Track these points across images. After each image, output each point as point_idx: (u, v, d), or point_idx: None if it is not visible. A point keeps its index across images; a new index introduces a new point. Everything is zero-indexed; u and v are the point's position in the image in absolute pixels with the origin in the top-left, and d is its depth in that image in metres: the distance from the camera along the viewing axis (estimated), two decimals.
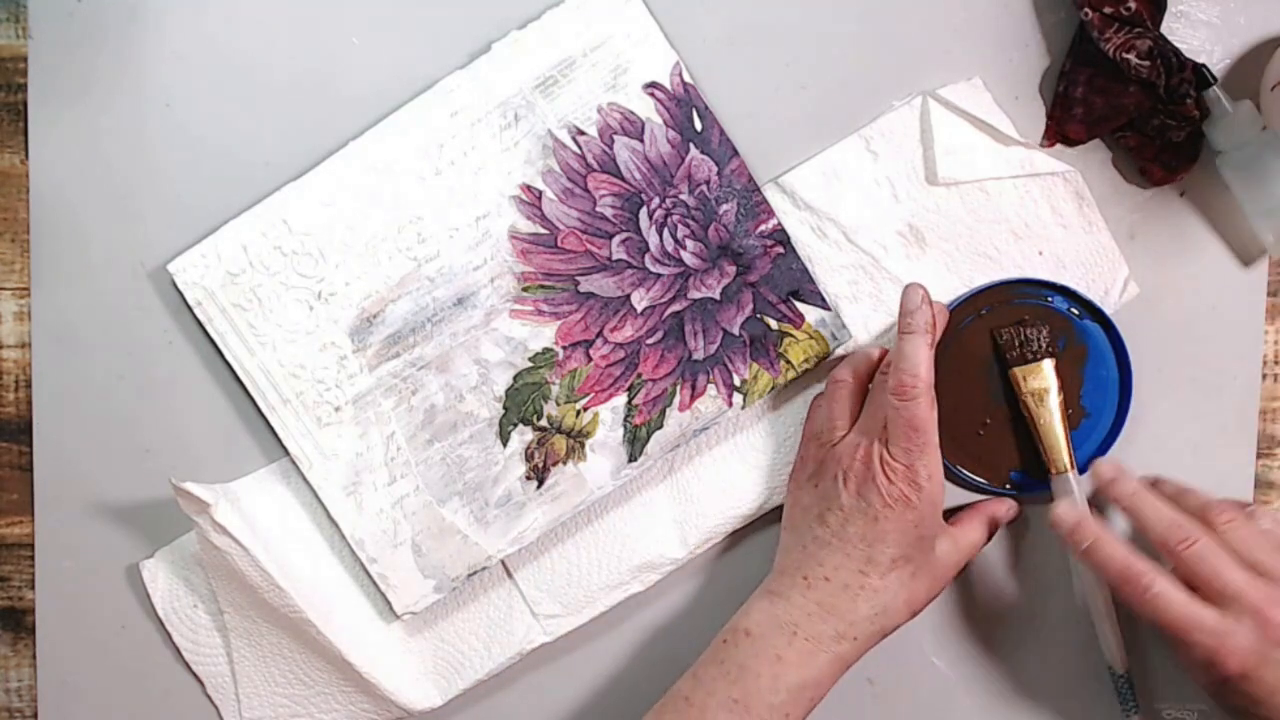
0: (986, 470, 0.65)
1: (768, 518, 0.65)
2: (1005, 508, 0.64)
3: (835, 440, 0.61)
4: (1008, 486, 0.65)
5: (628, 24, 0.62)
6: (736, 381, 0.63)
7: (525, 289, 0.63)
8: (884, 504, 0.57)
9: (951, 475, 0.65)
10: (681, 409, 0.63)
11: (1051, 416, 0.62)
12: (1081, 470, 0.64)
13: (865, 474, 0.58)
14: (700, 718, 0.57)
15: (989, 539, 0.63)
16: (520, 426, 0.63)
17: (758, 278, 0.63)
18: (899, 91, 0.64)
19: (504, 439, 0.63)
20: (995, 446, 0.64)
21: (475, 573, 0.63)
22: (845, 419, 0.61)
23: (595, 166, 0.62)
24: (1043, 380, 0.62)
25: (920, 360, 0.57)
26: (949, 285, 0.64)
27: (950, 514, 0.63)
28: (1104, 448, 0.64)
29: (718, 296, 0.63)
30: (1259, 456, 0.66)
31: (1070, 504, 0.61)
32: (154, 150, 0.63)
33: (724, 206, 0.63)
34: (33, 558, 0.65)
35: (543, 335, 0.63)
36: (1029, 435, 0.64)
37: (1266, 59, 0.63)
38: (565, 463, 0.63)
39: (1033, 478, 0.65)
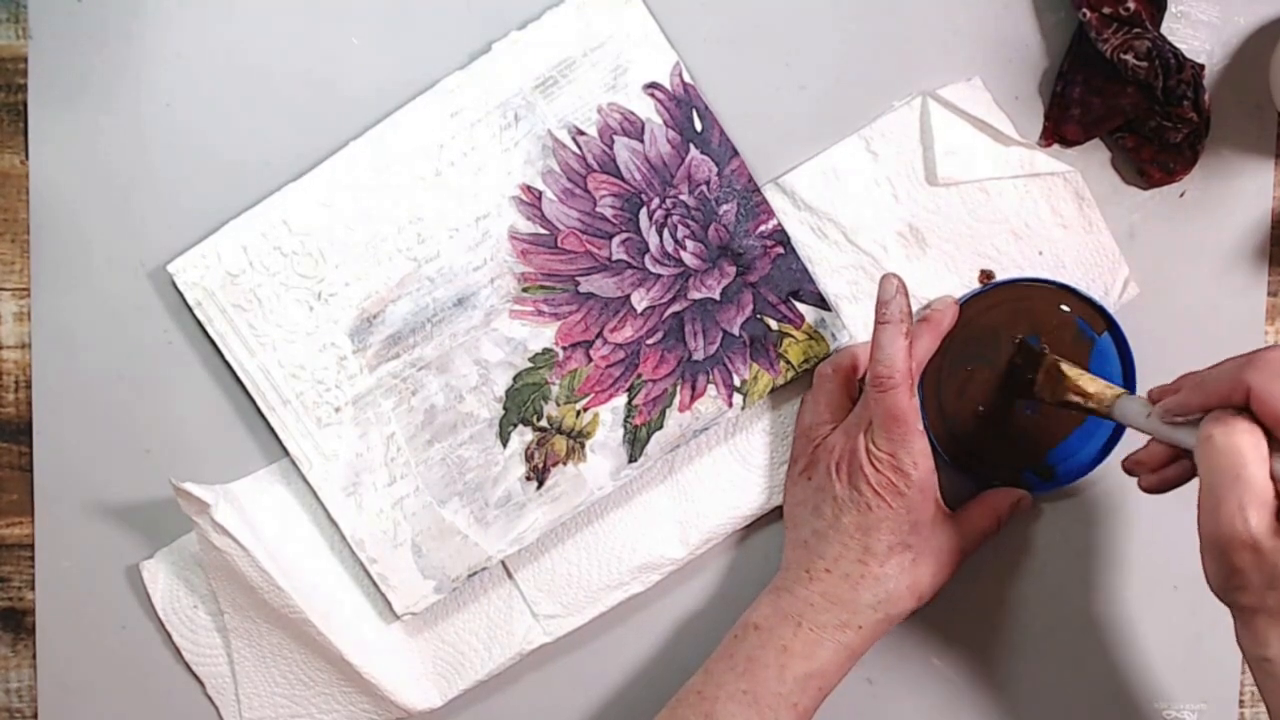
0: (998, 471, 0.64)
1: (768, 517, 0.65)
2: (1015, 497, 0.64)
3: (824, 434, 0.61)
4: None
5: (628, 24, 0.62)
6: (736, 382, 0.63)
7: (525, 289, 0.63)
8: (873, 493, 0.58)
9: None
10: (681, 409, 0.63)
11: (1084, 377, 0.59)
12: (1091, 465, 0.64)
13: (853, 465, 0.59)
14: (711, 710, 0.58)
15: (998, 527, 0.63)
16: (520, 427, 0.63)
17: (758, 278, 0.63)
18: (899, 91, 0.64)
19: (504, 439, 0.63)
20: (1005, 447, 0.64)
21: (475, 573, 0.63)
22: (831, 413, 0.62)
23: (595, 167, 0.62)
24: (1053, 372, 0.61)
25: (896, 350, 0.57)
26: (949, 285, 0.64)
27: (964, 502, 0.63)
28: (1108, 446, 0.64)
29: (718, 297, 0.63)
30: None
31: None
32: (154, 150, 0.63)
33: (724, 207, 0.63)
34: (33, 558, 0.65)
35: (543, 335, 0.63)
36: (1038, 435, 0.64)
37: (1270, 48, 0.63)
38: (565, 463, 0.63)
39: (1041, 477, 0.65)
